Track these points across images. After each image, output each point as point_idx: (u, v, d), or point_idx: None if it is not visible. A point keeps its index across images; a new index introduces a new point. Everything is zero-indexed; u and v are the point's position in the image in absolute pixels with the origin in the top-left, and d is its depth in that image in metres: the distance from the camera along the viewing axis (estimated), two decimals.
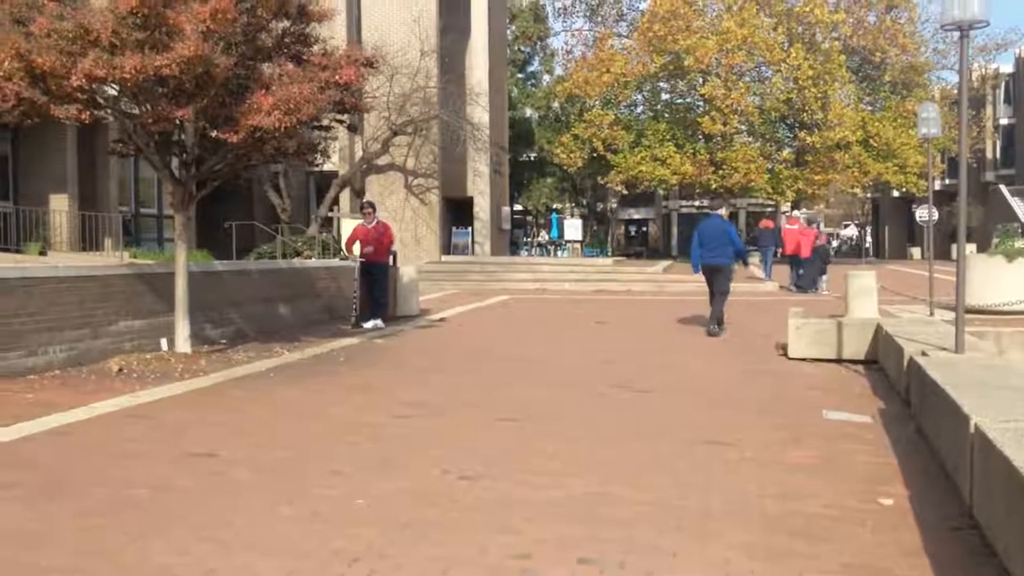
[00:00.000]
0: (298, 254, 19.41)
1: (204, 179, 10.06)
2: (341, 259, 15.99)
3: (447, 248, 29.28)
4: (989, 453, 3.64)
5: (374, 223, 13.49)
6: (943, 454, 5.00)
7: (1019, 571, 3.20)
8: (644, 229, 59.85)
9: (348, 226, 23.03)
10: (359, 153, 26.49)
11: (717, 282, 12.62)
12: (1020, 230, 23.21)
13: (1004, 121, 53.31)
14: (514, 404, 7.21)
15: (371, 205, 14.22)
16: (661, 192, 48.79)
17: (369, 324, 12.98)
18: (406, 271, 15.10)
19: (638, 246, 54.17)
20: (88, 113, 8.68)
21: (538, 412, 6.86)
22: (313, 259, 17.27)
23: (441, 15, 27.17)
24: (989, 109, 52.24)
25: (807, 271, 21.25)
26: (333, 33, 22.42)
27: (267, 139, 9.07)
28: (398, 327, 13.20)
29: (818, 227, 23.92)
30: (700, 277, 13.12)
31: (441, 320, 14.56)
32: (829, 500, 4.54)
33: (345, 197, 26.86)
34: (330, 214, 25.36)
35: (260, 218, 25.60)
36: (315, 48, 9.87)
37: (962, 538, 3.98)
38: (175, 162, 10.01)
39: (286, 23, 9.55)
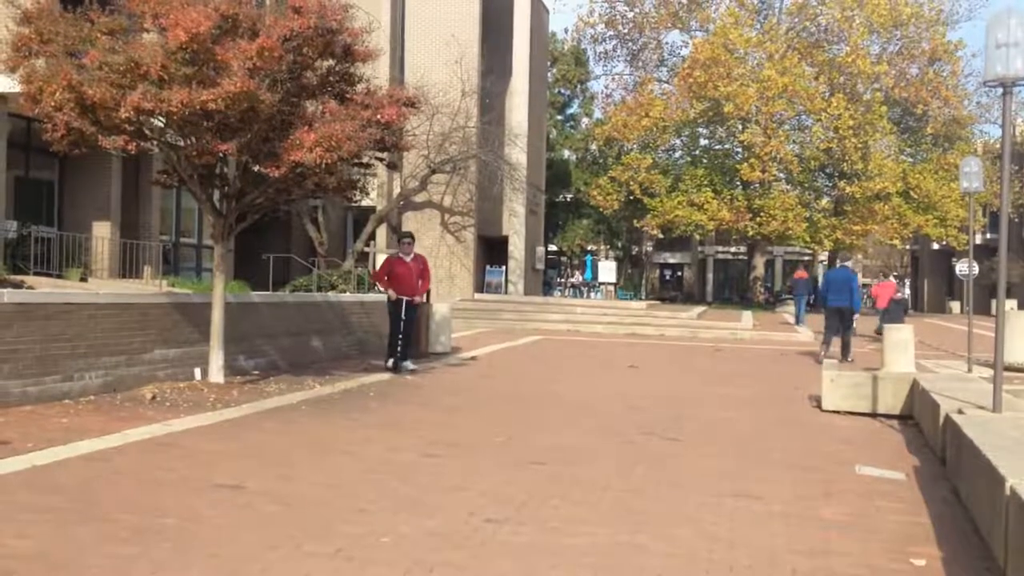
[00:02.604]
0: (333, 287, 19.59)
1: (244, 212, 10.22)
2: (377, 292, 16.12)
3: (480, 286, 29.41)
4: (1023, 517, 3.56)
5: (412, 257, 12.43)
6: (978, 515, 4.89)
7: None
8: (679, 274, 59.67)
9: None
10: (397, 190, 26.81)
11: (842, 320, 15.43)
12: None
13: None
14: (543, 447, 7.17)
15: (411, 236, 13.28)
16: (697, 237, 48.68)
17: (409, 365, 12.18)
18: (439, 308, 15.16)
19: (672, 290, 53.97)
20: (135, 144, 8.88)
21: (567, 457, 6.82)
22: (347, 293, 17.39)
23: (483, 57, 27.56)
24: None
25: (882, 320, 20.73)
26: (376, 72, 22.87)
27: (308, 175, 9.21)
28: (429, 364, 13.23)
29: (898, 280, 24.49)
30: (735, 324, 13.22)
31: (472, 359, 14.58)
32: (859, 559, 4.45)
33: (382, 233, 27.14)
34: (366, 249, 25.62)
35: (297, 251, 25.95)
36: (358, 87, 10.03)
37: None
38: (217, 194, 10.19)
39: (331, 62, 9.72)
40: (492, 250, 30.64)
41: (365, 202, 27.14)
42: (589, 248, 52.43)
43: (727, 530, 4.90)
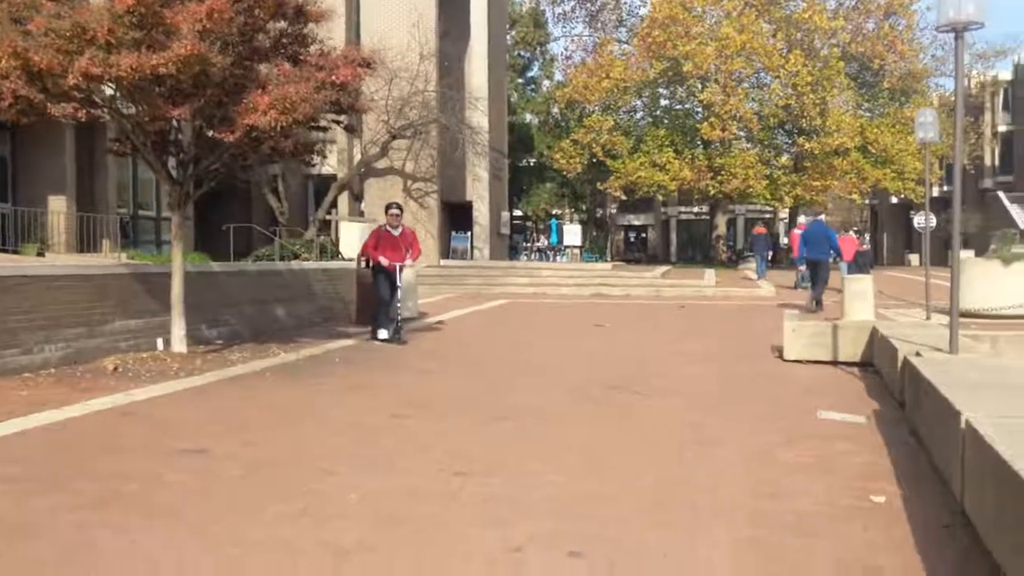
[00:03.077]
0: (296, 256, 19.42)
1: (201, 179, 10.06)
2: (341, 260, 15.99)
3: (446, 252, 29.32)
4: (979, 449, 3.64)
5: (400, 230, 11.66)
6: (935, 452, 5.00)
7: (1009, 567, 3.19)
8: (643, 235, 59.97)
9: (347, 229, 23.11)
10: (358, 156, 26.54)
11: (818, 273, 16.12)
12: (1018, 236, 23.32)
13: (1002, 128, 53.36)
14: (511, 406, 7.20)
15: (398, 207, 12.13)
16: (660, 198, 48.85)
17: (384, 335, 11.33)
18: (405, 273, 15.05)
19: (637, 252, 54.27)
20: (85, 112, 8.68)
21: (535, 414, 6.85)
22: (310, 261, 17.26)
23: (440, 19, 27.23)
24: (988, 116, 52.30)
25: (848, 272, 21.23)
26: (332, 36, 22.51)
27: (263, 139, 9.07)
28: None
29: (859, 235, 25.51)
30: (699, 281, 13.35)
31: (439, 323, 14.56)
32: (821, 498, 4.53)
33: (343, 200, 26.90)
34: (328, 217, 25.39)
35: (258, 221, 25.66)
36: (312, 48, 9.87)
37: (953, 535, 3.97)
38: (172, 161, 10.02)
39: (283, 23, 9.55)
40: (457, 216, 30.51)
41: (326, 170, 26.90)
42: (554, 212, 52.47)
43: (692, 476, 4.97)
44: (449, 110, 26.13)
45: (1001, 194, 48.72)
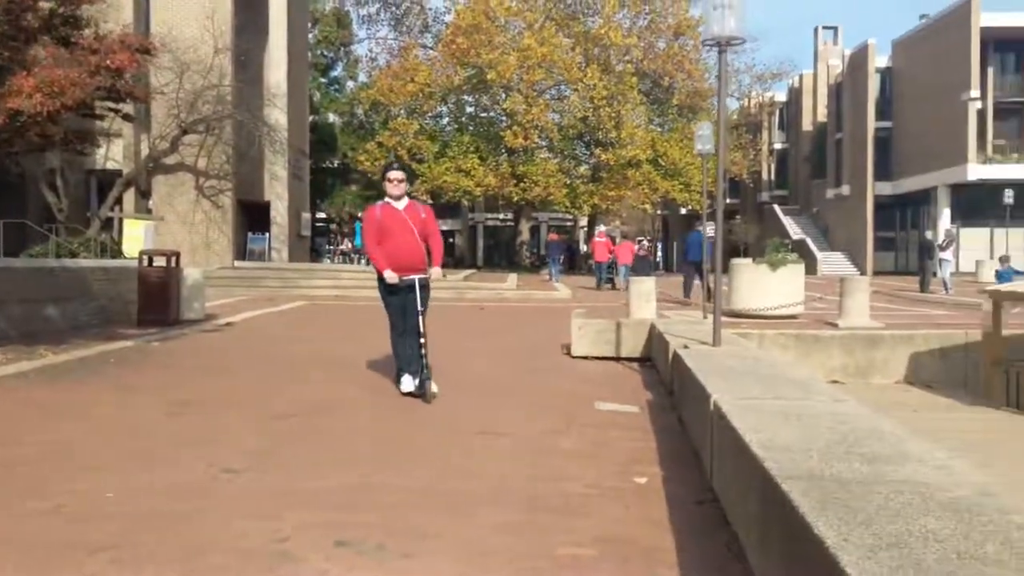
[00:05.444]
0: (74, 256, 18.14)
1: None
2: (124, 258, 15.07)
3: (242, 254, 28.30)
4: (723, 427, 3.93)
5: (406, 204, 7.11)
6: (694, 435, 5.34)
7: (745, 535, 3.46)
8: (451, 240, 60.38)
9: (131, 227, 21.83)
10: (145, 151, 25.16)
11: (699, 271, 17.86)
12: (789, 244, 25.54)
13: (778, 146, 57.95)
14: (292, 402, 7.04)
15: (400, 167, 7.38)
16: (466, 203, 49.42)
17: (434, 387, 7.10)
18: (191, 273, 14.44)
19: (444, 256, 54.50)
20: None
21: (319, 409, 6.73)
22: (88, 259, 16.17)
23: (237, 13, 26.31)
24: (765, 134, 56.57)
25: (627, 275, 24.17)
26: (120, 24, 21.24)
27: (29, 124, 8.45)
28: (180, 331, 12.60)
29: (639, 243, 29.96)
30: (500, 284, 13.57)
31: (227, 324, 14.03)
32: (590, 481, 4.73)
33: (130, 197, 25.41)
34: (111, 214, 23.87)
35: (33, 218, 23.81)
36: (86, 32, 9.28)
37: (704, 510, 4.26)
38: None
39: (53, 3, 8.93)
40: (254, 216, 29.50)
41: (111, 165, 25.36)
42: (358, 215, 51.84)
43: (471, 464, 5.05)
44: (245, 106, 25.26)
45: (776, 207, 52.84)
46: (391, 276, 6.86)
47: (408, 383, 7.18)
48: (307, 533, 3.75)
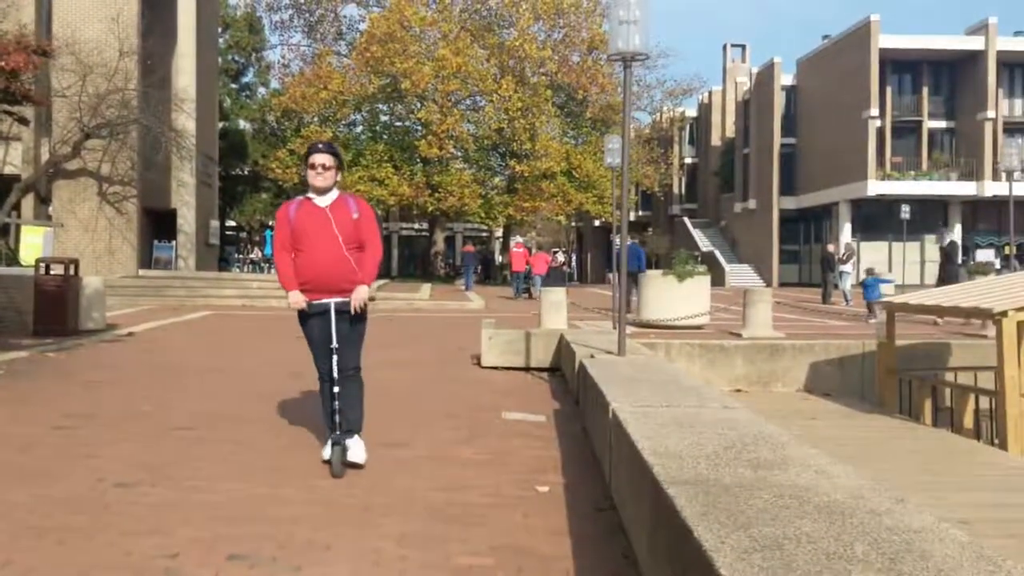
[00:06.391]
0: None
1: None
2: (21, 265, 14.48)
3: (147, 262, 27.49)
4: (619, 433, 3.99)
5: (334, 200, 5.14)
6: (596, 443, 5.41)
7: (637, 541, 3.51)
8: None
9: (30, 234, 21.01)
10: (46, 156, 24.24)
11: (636, 282, 16.96)
12: (698, 256, 26.23)
13: (688, 160, 59.25)
14: (192, 414, 6.87)
15: (329, 148, 5.19)
16: (380, 213, 49.05)
17: (359, 454, 5.25)
18: (91, 281, 13.96)
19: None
20: None
21: (218, 422, 6.58)
22: None
23: (144, 16, 25.61)
24: (676, 148, 57.78)
25: (542, 284, 24.83)
26: (19, 24, 20.44)
27: None
28: (77, 341, 12.16)
29: (553, 253, 30.89)
30: (413, 294, 13.47)
31: (129, 334, 13.61)
32: (490, 490, 4.74)
33: (28, 203, 24.44)
34: (8, 220, 22.90)
35: None
36: None
37: (603, 517, 4.31)
38: None
39: None
40: (160, 224, 28.70)
41: (8, 170, 24.37)
42: (270, 224, 50.95)
43: (371, 476, 5.00)
44: (151, 110, 24.57)
45: (686, 219, 54.01)
46: (296, 299, 5.05)
47: (326, 450, 5.20)
48: (198, 548, 3.67)
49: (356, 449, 5.20)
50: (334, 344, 5.08)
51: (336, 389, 5.11)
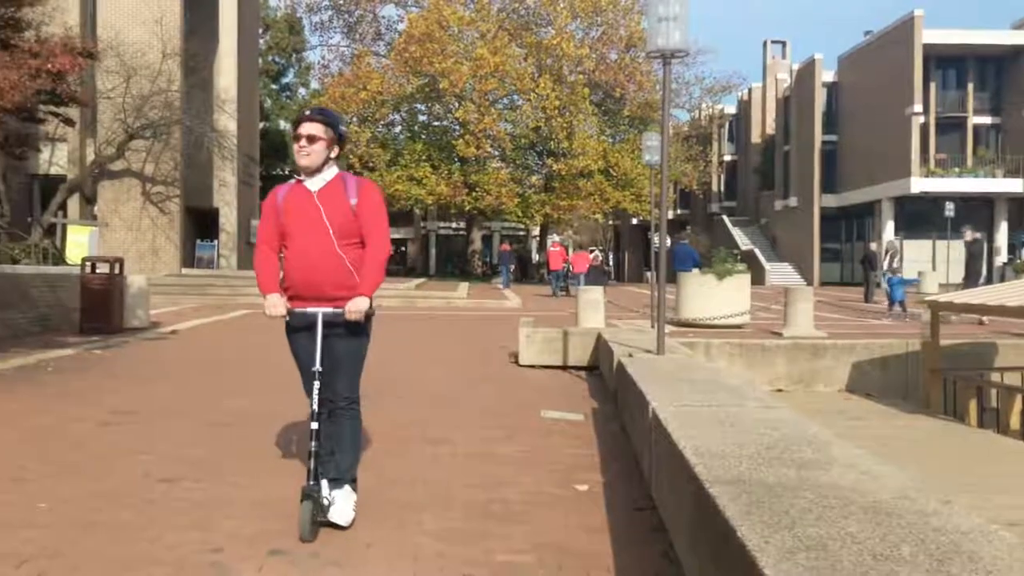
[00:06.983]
0: (16, 262, 17.72)
1: None
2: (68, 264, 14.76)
3: (190, 261, 27.90)
4: (660, 432, 3.97)
5: (326, 182, 4.04)
6: (635, 442, 5.39)
7: (678, 540, 3.50)
8: (403, 248, 60.23)
9: (76, 234, 21.41)
10: (91, 156, 24.70)
11: None
12: (738, 255, 25.89)
13: (728, 158, 58.71)
14: (232, 411, 6.96)
15: (321, 114, 4.09)
16: (418, 212, 49.31)
17: (350, 505, 4.06)
18: (135, 280, 14.19)
19: (396, 264, 54.40)
20: None
21: (258, 419, 6.65)
22: (28, 266, 15.80)
23: (186, 17, 26.00)
24: (715, 146, 57.30)
25: (583, 283, 24.88)
26: (65, 27, 20.83)
27: None
28: (123, 339, 12.38)
29: (593, 253, 30.23)
30: (451, 293, 13.51)
31: (172, 332, 13.82)
32: (530, 488, 4.75)
33: (74, 203, 24.92)
34: (54, 220, 23.38)
35: None
36: (27, 34, 9.10)
37: (643, 517, 4.29)
38: None
39: None
40: (203, 223, 29.13)
41: (55, 170, 24.87)
42: None
43: (411, 472, 5.03)
44: (194, 111, 24.94)
45: (725, 217, 53.55)
46: (274, 306, 4.03)
47: (306, 507, 3.76)
48: (240, 543, 3.71)
49: (342, 505, 3.95)
50: (316, 367, 3.99)
51: (315, 426, 3.95)
